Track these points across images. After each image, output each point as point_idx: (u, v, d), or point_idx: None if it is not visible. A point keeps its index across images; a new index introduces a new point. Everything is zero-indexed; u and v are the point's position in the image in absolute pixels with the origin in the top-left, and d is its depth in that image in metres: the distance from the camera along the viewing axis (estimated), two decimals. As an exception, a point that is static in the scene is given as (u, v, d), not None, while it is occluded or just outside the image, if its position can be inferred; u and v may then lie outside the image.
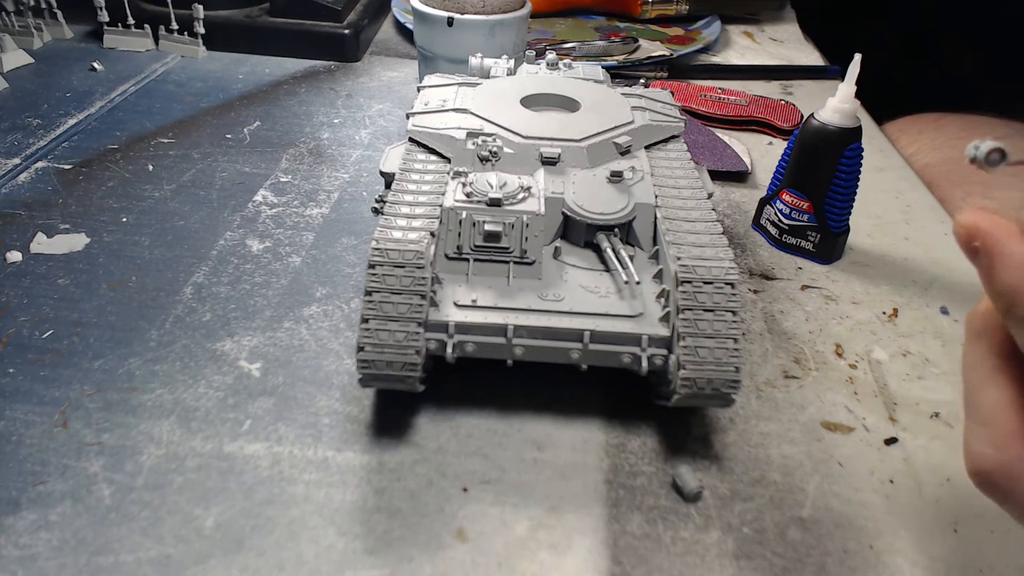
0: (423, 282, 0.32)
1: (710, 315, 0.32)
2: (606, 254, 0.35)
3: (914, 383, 0.39)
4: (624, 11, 0.89)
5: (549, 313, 0.33)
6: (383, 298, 0.32)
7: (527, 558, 0.30)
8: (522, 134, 0.40)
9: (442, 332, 0.33)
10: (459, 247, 0.35)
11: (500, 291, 0.34)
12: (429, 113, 0.42)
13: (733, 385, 0.32)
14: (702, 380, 0.31)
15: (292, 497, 0.31)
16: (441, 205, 0.35)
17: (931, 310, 0.45)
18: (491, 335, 0.33)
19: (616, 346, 0.33)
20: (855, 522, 0.32)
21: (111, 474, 0.32)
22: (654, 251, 0.37)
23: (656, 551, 0.30)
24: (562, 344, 0.33)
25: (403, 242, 0.32)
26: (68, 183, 0.52)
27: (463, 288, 0.34)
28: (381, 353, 0.31)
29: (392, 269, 0.32)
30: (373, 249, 0.32)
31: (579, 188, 0.37)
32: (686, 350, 0.31)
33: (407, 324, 0.31)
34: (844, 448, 0.35)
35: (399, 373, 0.32)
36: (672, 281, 0.33)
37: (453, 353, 0.33)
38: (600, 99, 0.44)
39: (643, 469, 0.34)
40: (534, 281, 0.35)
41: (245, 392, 0.36)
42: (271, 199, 0.52)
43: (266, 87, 0.69)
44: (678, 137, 0.43)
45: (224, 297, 0.42)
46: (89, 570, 0.28)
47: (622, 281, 0.34)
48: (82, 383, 0.36)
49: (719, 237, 0.35)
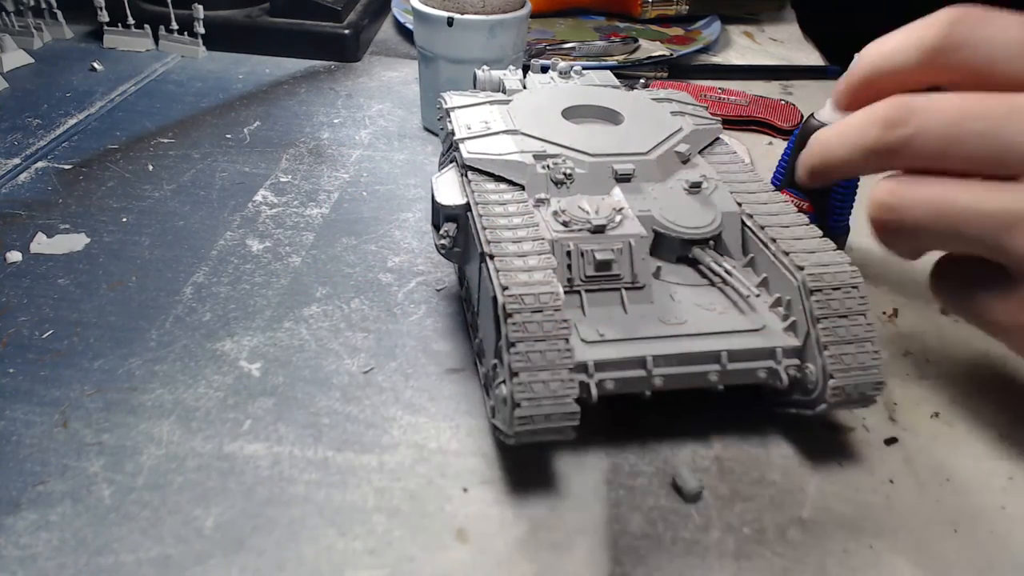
0: (565, 325, 0.30)
1: (845, 321, 0.32)
2: (709, 269, 0.35)
3: (914, 383, 0.39)
4: (624, 11, 0.89)
5: (680, 338, 0.32)
6: (528, 348, 0.29)
7: (527, 558, 0.30)
8: (589, 152, 0.38)
9: (582, 373, 0.31)
10: (569, 280, 0.34)
11: (621, 321, 0.33)
12: (479, 138, 0.39)
13: (878, 387, 0.32)
14: (850, 387, 0.31)
15: (292, 497, 0.31)
16: (543, 238, 0.33)
17: (931, 310, 0.45)
18: (630, 369, 0.32)
19: (752, 362, 0.32)
20: (855, 522, 0.32)
21: (111, 474, 0.32)
22: (748, 259, 0.37)
23: (656, 551, 0.30)
24: (700, 368, 0.32)
25: (534, 284, 0.30)
26: (68, 183, 0.52)
27: (583, 323, 0.33)
28: (539, 407, 0.29)
29: (531, 315, 0.30)
30: (507, 296, 0.30)
31: (663, 203, 0.37)
32: (832, 359, 0.31)
33: (559, 372, 0.29)
34: (844, 448, 0.35)
35: (558, 425, 0.29)
36: (794, 290, 0.33)
37: (597, 393, 0.31)
38: (638, 107, 0.43)
39: (643, 469, 0.34)
40: (648, 306, 0.34)
41: (245, 392, 0.36)
42: (271, 199, 0.52)
43: (266, 87, 0.69)
44: (720, 139, 0.43)
45: (224, 297, 0.42)
46: (89, 570, 0.28)
47: (739, 295, 0.34)
48: (82, 383, 0.36)
49: (823, 241, 0.34)
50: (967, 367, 0.41)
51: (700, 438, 0.35)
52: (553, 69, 0.48)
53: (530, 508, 0.32)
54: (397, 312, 0.42)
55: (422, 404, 0.36)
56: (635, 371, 0.32)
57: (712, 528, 0.31)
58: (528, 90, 0.46)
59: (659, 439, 0.35)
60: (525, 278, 0.31)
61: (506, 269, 0.31)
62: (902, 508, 0.33)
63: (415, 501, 0.32)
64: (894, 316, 0.44)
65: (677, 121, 0.42)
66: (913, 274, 0.48)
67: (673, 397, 0.33)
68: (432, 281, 0.44)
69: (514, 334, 0.29)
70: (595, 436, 0.35)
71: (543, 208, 0.36)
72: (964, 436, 0.37)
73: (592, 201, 0.35)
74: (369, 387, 0.37)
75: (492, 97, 0.44)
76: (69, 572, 0.28)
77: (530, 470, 0.33)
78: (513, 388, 0.29)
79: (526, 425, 0.29)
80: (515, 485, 0.33)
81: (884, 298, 0.46)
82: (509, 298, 0.30)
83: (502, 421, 0.31)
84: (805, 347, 0.32)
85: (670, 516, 0.32)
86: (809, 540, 0.31)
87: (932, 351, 0.42)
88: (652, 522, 0.31)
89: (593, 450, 0.34)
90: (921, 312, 0.45)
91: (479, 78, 0.47)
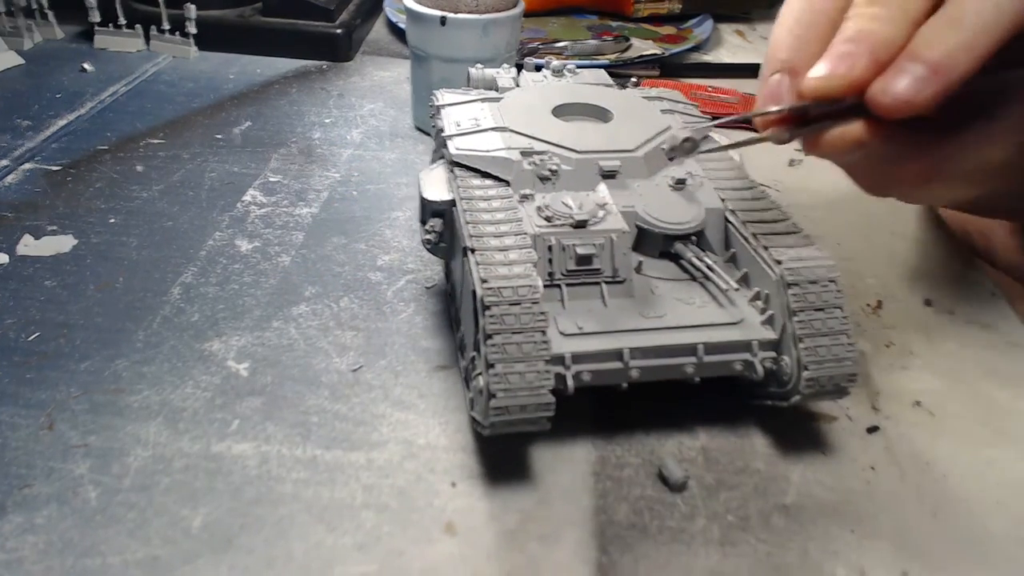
0: (543, 318, 0.30)
1: (821, 314, 0.32)
2: (691, 264, 0.35)
3: (897, 373, 0.40)
4: (616, 10, 0.89)
5: (658, 331, 0.33)
6: (505, 339, 0.30)
7: (517, 549, 0.30)
8: (576, 149, 0.38)
9: (559, 365, 0.31)
10: (551, 274, 0.34)
11: (600, 315, 0.33)
12: (468, 135, 0.40)
13: (852, 379, 0.32)
14: (824, 378, 0.32)
15: (280, 496, 0.31)
16: (525, 233, 0.34)
17: (914, 302, 0.45)
18: (607, 361, 0.32)
19: (728, 355, 0.33)
20: (837, 508, 0.32)
21: (97, 476, 0.32)
22: (730, 255, 0.37)
23: (643, 540, 0.30)
24: (676, 360, 0.33)
25: (513, 277, 0.31)
26: (56, 184, 0.52)
27: (563, 316, 0.33)
28: (514, 397, 0.30)
29: (509, 308, 0.30)
30: (486, 289, 0.30)
31: (647, 199, 0.37)
32: (807, 351, 0.31)
33: (534, 363, 0.30)
34: (827, 437, 0.36)
35: (533, 416, 0.30)
36: (773, 284, 0.33)
37: (573, 385, 0.31)
38: (629, 105, 0.43)
39: (629, 460, 0.34)
40: (628, 300, 0.34)
41: (233, 392, 0.36)
42: (260, 199, 0.52)
43: (257, 87, 0.69)
44: (709, 137, 0.43)
45: (212, 297, 0.42)
46: (76, 572, 0.28)
47: (718, 289, 0.34)
48: (68, 385, 0.36)
49: (804, 236, 0.35)
50: (948, 357, 0.41)
51: (686, 429, 0.35)
52: (547, 68, 0.48)
53: (518, 501, 0.32)
54: (386, 310, 0.42)
55: (411, 401, 0.36)
56: (612, 363, 0.32)
57: (698, 516, 0.31)
58: (520, 88, 0.46)
59: (645, 431, 0.35)
60: (505, 271, 0.31)
61: (486, 263, 0.32)
62: (883, 494, 0.33)
63: (404, 497, 0.32)
64: (878, 308, 0.44)
65: (666, 119, 0.42)
66: (897, 267, 0.48)
67: (658, 390, 0.34)
68: (421, 279, 0.44)
69: (491, 326, 0.30)
70: (582, 429, 0.35)
71: (528, 204, 0.36)
72: (945, 424, 0.37)
73: (576, 197, 0.36)
74: (358, 385, 0.37)
75: (484, 95, 0.44)
76: (56, 575, 0.28)
77: (518, 464, 0.33)
78: (489, 379, 0.29)
79: (501, 416, 0.30)
80: (503, 479, 0.33)
81: (868, 291, 0.46)
82: (487, 291, 0.30)
83: (479, 412, 0.31)
84: (781, 340, 0.33)
85: (656, 506, 0.32)
86: (792, 526, 0.31)
87: (914, 342, 0.42)
88: (639, 512, 0.32)
89: (580, 442, 0.34)
90: (904, 304, 0.45)
91: (473, 76, 0.47)
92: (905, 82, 0.26)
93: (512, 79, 0.47)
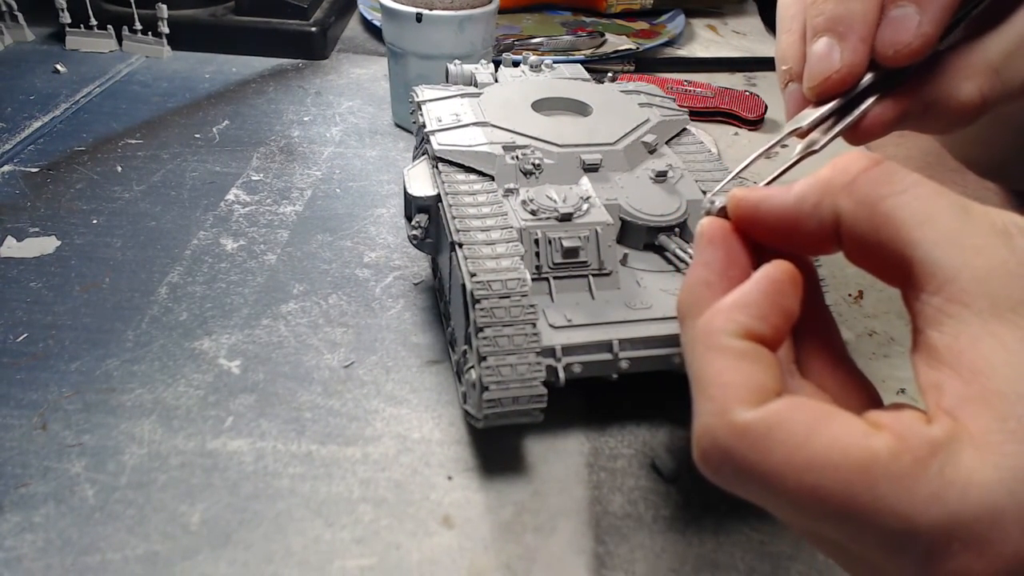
0: (532, 310, 0.31)
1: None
2: (675, 255, 0.36)
3: (880, 361, 0.41)
4: (590, 6, 0.90)
5: (646, 322, 0.33)
6: (496, 332, 0.30)
7: (513, 541, 0.30)
8: (557, 143, 0.39)
9: (550, 357, 0.32)
10: (538, 267, 0.34)
11: (588, 307, 0.34)
12: (449, 130, 0.40)
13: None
14: None
15: (277, 491, 0.32)
16: (511, 227, 0.34)
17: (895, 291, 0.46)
18: (597, 353, 0.32)
19: None
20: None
21: (94, 474, 0.32)
22: None
23: (638, 529, 0.31)
24: (664, 351, 0.33)
25: (501, 271, 0.31)
26: (36, 186, 0.51)
27: (551, 309, 0.33)
28: (506, 389, 0.30)
29: (498, 301, 0.31)
30: (475, 282, 0.31)
31: (629, 192, 0.37)
32: None
33: (526, 355, 0.30)
34: (815, 425, 0.37)
35: (526, 407, 0.31)
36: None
37: (564, 376, 0.32)
38: (607, 99, 0.44)
39: (623, 452, 0.34)
40: (614, 291, 0.35)
41: (226, 389, 0.36)
42: (243, 198, 0.51)
43: (234, 86, 0.69)
44: (687, 129, 0.44)
45: (200, 296, 0.42)
46: (76, 570, 0.28)
47: None
48: (60, 385, 0.36)
49: None
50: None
51: (678, 420, 0.36)
52: (524, 63, 0.48)
53: (514, 493, 0.32)
54: (375, 307, 0.42)
55: (404, 396, 0.37)
56: (601, 354, 0.32)
57: (692, 506, 0.32)
58: (499, 83, 0.46)
59: (637, 422, 0.36)
60: (493, 265, 0.32)
61: (474, 257, 0.32)
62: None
63: (400, 490, 0.32)
64: (859, 297, 0.45)
65: (644, 112, 0.43)
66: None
67: (649, 381, 0.34)
68: (409, 275, 0.45)
69: (482, 319, 0.30)
70: (574, 421, 0.36)
71: (512, 198, 0.36)
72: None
73: (560, 190, 0.36)
74: (350, 381, 0.37)
75: (463, 91, 0.44)
76: (56, 572, 0.28)
77: (512, 456, 0.34)
78: (481, 372, 0.30)
79: (494, 408, 0.30)
80: (498, 471, 0.33)
81: (850, 281, 0.47)
82: (477, 284, 0.31)
83: (472, 405, 0.31)
84: None
85: (650, 496, 0.32)
86: (784, 514, 0.32)
87: (896, 330, 0.43)
88: (633, 502, 0.32)
89: (573, 435, 0.35)
90: (886, 293, 0.46)
91: (451, 72, 0.47)
92: (900, 28, 0.26)
93: (491, 75, 0.47)
